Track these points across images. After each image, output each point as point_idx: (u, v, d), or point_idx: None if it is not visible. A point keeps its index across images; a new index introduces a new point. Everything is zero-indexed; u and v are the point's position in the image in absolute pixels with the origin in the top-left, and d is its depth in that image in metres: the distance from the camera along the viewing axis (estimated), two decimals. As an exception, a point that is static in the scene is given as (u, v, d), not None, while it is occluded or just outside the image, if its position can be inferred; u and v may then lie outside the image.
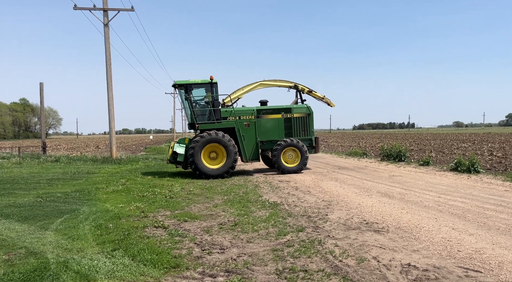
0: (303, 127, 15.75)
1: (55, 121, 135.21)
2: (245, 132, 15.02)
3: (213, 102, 14.58)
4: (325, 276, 4.42)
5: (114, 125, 21.70)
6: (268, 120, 15.43)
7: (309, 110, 15.94)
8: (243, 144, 14.91)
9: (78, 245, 5.59)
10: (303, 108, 15.92)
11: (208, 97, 14.76)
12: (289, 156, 15.10)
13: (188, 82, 14.49)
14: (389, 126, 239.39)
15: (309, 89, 17.04)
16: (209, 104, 14.72)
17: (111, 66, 21.22)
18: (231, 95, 16.13)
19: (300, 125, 15.72)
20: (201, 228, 6.69)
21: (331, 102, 17.51)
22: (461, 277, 4.31)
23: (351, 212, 7.75)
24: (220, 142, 14.02)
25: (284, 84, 16.88)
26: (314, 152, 16.10)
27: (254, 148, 15.14)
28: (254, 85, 16.59)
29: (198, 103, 15.01)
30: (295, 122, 15.64)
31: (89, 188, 11.29)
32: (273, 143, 15.38)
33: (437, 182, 11.73)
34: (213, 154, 14.29)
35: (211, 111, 14.62)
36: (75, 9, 20.62)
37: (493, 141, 35.23)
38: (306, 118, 15.80)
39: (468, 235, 5.91)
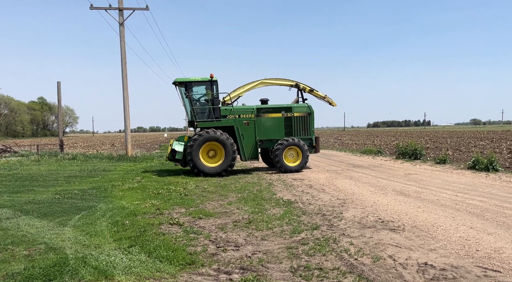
0: (303, 126, 15.62)
1: (72, 119, 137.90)
2: (245, 131, 14.94)
3: (212, 100, 14.54)
4: (340, 274, 4.40)
5: (129, 124, 21.98)
6: (268, 119, 15.33)
7: (309, 109, 15.79)
8: (242, 143, 14.83)
9: (95, 241, 5.69)
10: (303, 108, 15.79)
11: (208, 95, 14.69)
12: (290, 155, 14.98)
13: (188, 80, 14.50)
14: (404, 124, 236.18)
15: (311, 88, 16.84)
16: (208, 102, 14.68)
17: (126, 65, 21.49)
18: (232, 93, 16.00)
19: (301, 124, 15.60)
20: (216, 225, 6.74)
21: (333, 102, 17.30)
22: (480, 277, 4.24)
23: (366, 210, 7.69)
24: (218, 140, 13.98)
25: (285, 83, 16.72)
26: (314, 151, 15.91)
27: (253, 146, 15.05)
28: (255, 84, 16.45)
29: (198, 102, 15.00)
30: (295, 121, 15.52)
31: (105, 185, 11.48)
32: (273, 142, 15.27)
33: (454, 180, 11.53)
34: (212, 152, 14.26)
35: (211, 110, 14.57)
36: (91, 9, 20.94)
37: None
38: (307, 117, 15.66)
39: (487, 234, 5.80)
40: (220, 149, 14.18)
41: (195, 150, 13.80)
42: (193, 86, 14.63)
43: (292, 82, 16.68)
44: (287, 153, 14.89)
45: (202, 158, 14.06)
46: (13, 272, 4.50)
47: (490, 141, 31.94)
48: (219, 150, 14.24)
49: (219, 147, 14.14)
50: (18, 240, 5.85)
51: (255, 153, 15.13)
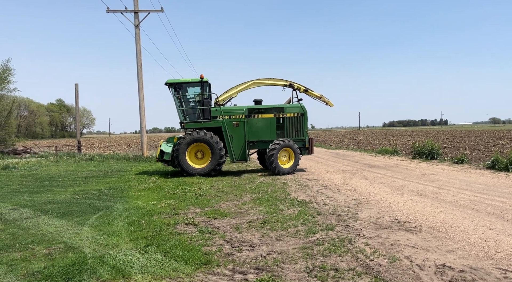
0: (296, 127, 15.31)
1: (89, 121, 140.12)
2: (234, 132, 14.76)
3: (202, 101, 14.52)
4: (356, 275, 4.37)
5: (145, 125, 22.24)
6: (259, 120, 15.07)
7: (302, 110, 15.47)
8: (231, 144, 14.69)
9: (113, 241, 5.78)
10: (296, 108, 15.46)
11: (197, 96, 14.66)
12: (283, 156, 14.73)
13: (178, 81, 14.54)
14: (420, 124, 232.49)
15: (305, 88, 16.49)
16: (199, 103, 14.67)
17: (142, 66, 21.76)
18: (224, 94, 15.91)
19: (293, 125, 15.29)
20: (231, 225, 6.77)
21: (329, 102, 16.93)
22: (500, 279, 4.15)
23: (382, 211, 7.61)
24: (205, 141, 13.98)
25: (279, 82, 16.41)
26: (307, 153, 15.54)
27: (242, 148, 14.84)
28: (247, 84, 16.24)
29: (188, 102, 14.95)
30: (287, 122, 15.22)
31: (122, 185, 11.65)
32: (264, 143, 15.08)
33: (472, 180, 11.30)
34: (200, 153, 14.30)
35: (200, 110, 14.56)
36: (108, 12, 21.28)
37: (533, 138, 33.53)
38: (300, 118, 15.36)
39: (507, 236, 5.67)
40: (207, 150, 14.21)
41: (181, 150, 13.87)
42: (183, 87, 14.65)
43: (286, 82, 16.36)
44: (281, 154, 14.62)
45: (190, 158, 14.14)
46: (34, 270, 4.61)
47: (510, 140, 31.17)
48: (206, 151, 14.27)
49: (206, 148, 14.18)
50: (38, 239, 5.99)
51: (244, 155, 14.91)
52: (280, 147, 14.42)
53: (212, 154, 14.05)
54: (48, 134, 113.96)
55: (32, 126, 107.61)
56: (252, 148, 15.30)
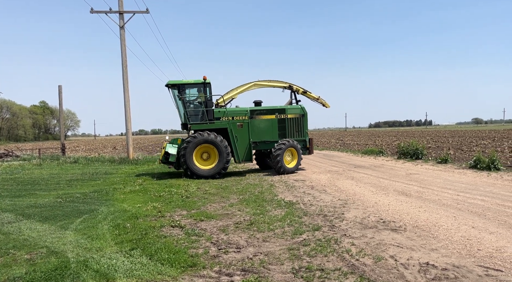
0: (297, 128, 15.74)
1: (74, 123, 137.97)
2: (238, 133, 14.90)
3: (206, 102, 14.53)
4: (342, 275, 4.40)
5: (131, 126, 22.01)
6: (261, 121, 15.36)
7: (303, 111, 15.93)
8: (236, 145, 14.79)
9: (97, 245, 5.70)
10: (297, 109, 15.88)
11: (200, 97, 14.67)
12: (288, 156, 15.01)
13: (181, 83, 14.41)
14: (405, 124, 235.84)
15: (304, 90, 16.95)
16: (202, 104, 14.66)
17: (127, 68, 21.54)
18: (225, 95, 16.02)
19: (294, 126, 15.71)
20: (217, 227, 6.74)
21: (326, 103, 17.44)
22: (481, 276, 4.23)
23: (368, 211, 7.68)
24: (212, 143, 13.96)
25: (279, 84, 16.77)
26: (308, 152, 15.97)
27: (247, 148, 15.04)
28: (248, 86, 16.46)
29: (191, 104, 14.88)
30: (289, 123, 15.61)
31: (107, 188, 11.50)
32: (267, 144, 15.36)
33: (455, 179, 11.51)
34: (206, 155, 14.25)
35: (204, 112, 14.56)
36: (92, 13, 21.01)
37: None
38: (300, 119, 15.79)
39: (489, 234, 5.79)
40: (213, 151, 14.17)
41: (188, 152, 13.73)
42: (186, 88, 14.57)
43: (286, 84, 16.72)
44: (285, 154, 14.87)
45: (196, 160, 14.01)
46: (15, 276, 4.51)
47: (492, 140, 31.86)
48: (212, 152, 14.23)
49: (213, 149, 14.13)
50: (19, 244, 5.86)
51: (249, 155, 15.11)
52: (286, 147, 14.70)
53: (219, 155, 14.03)
54: (31, 137, 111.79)
55: (15, 129, 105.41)
56: (254, 148, 15.44)
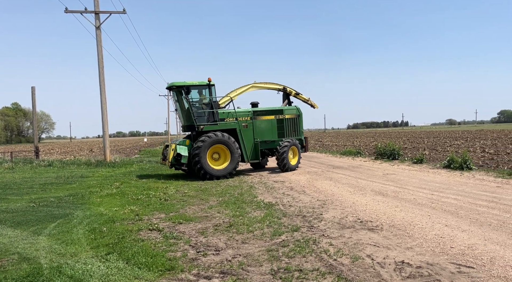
0: (293, 128, 16.57)
1: (48, 125, 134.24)
2: (244, 133, 15.29)
3: (211, 103, 14.73)
4: (320, 275, 4.44)
5: (108, 129, 21.60)
6: (262, 121, 15.89)
7: (298, 111, 16.91)
8: (245, 145, 15.17)
9: (71, 250, 5.55)
10: (293, 110, 16.79)
11: (205, 98, 14.77)
12: (290, 154, 15.80)
13: (186, 84, 14.35)
14: (383, 125, 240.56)
15: (296, 92, 17.75)
16: (207, 105, 14.80)
17: (104, 69, 21.14)
18: (224, 97, 16.30)
19: (291, 126, 16.51)
20: (196, 230, 6.69)
21: (315, 104, 18.34)
22: (454, 273, 4.35)
23: (346, 211, 7.79)
24: (225, 143, 14.21)
25: (274, 86, 17.43)
26: (304, 150, 17.25)
27: (252, 148, 15.50)
28: (246, 87, 16.88)
29: (197, 105, 14.84)
30: (286, 123, 16.35)
31: (83, 192, 11.23)
32: (267, 143, 15.96)
33: (430, 179, 11.81)
34: (216, 155, 14.41)
35: (210, 113, 14.73)
36: (66, 12, 20.51)
37: (485, 138, 35.56)
38: (296, 119, 16.70)
39: (461, 232, 5.97)
40: (224, 152, 14.40)
41: (203, 152, 13.79)
42: (191, 90, 14.55)
43: (280, 86, 17.48)
44: (289, 152, 15.70)
45: (208, 160, 14.10)
46: (-16, 284, 4.35)
47: (465, 140, 32.89)
48: (223, 153, 14.45)
49: (224, 150, 14.35)
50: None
51: (254, 154, 15.56)
52: (290, 145, 15.58)
53: (231, 155, 14.30)
54: (3, 140, 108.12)
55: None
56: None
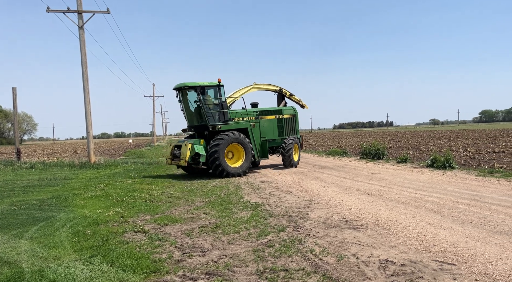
0: (291, 127, 17.64)
1: (30, 126, 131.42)
2: (253, 133, 15.81)
3: (221, 104, 15.19)
4: (306, 275, 4.46)
5: (92, 130, 21.29)
6: (265, 121, 16.73)
7: (295, 111, 18.02)
8: (255, 144, 15.77)
9: (54, 253, 5.45)
10: (290, 110, 17.92)
11: (216, 99, 15.17)
12: (293, 151, 16.88)
13: (200, 84, 14.56)
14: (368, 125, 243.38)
15: (290, 93, 18.95)
16: (218, 106, 15.20)
17: (87, 69, 20.83)
18: (228, 97, 17.08)
19: (289, 125, 17.52)
20: (182, 231, 6.65)
21: (306, 105, 19.55)
22: (436, 270, 4.44)
23: (331, 211, 7.85)
24: (240, 142, 14.69)
25: (272, 88, 18.51)
26: (300, 148, 18.25)
27: (260, 146, 16.19)
28: (248, 88, 17.72)
29: (207, 105, 15.09)
30: (285, 122, 17.29)
31: (66, 194, 11.04)
32: (269, 142, 16.67)
33: (414, 178, 12.00)
34: (230, 154, 14.86)
35: (221, 113, 15.20)
36: (48, 12, 20.14)
37: (467, 137, 36.30)
38: (293, 118, 17.79)
39: (443, 229, 6.08)
40: (238, 150, 14.90)
41: (221, 150, 14.11)
42: (204, 90, 14.73)
43: (277, 87, 18.62)
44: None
45: (225, 159, 14.51)
46: (-37, 290, 4.23)
47: (448, 140, 33.52)
48: (236, 151, 14.96)
49: (238, 148, 14.84)
50: (-32, 255, 5.50)
51: (262, 152, 16.23)
52: (294, 142, 16.74)
53: (246, 153, 14.82)
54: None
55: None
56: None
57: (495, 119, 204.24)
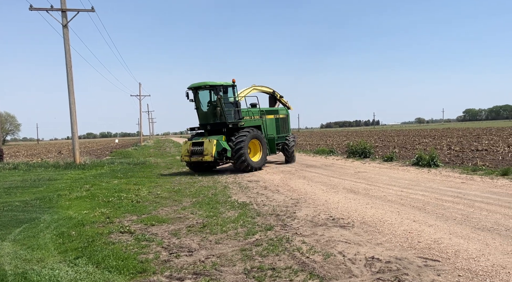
0: (285, 125, 19.19)
1: (13, 127, 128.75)
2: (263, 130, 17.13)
3: (236, 103, 16.33)
4: (293, 273, 4.48)
5: (77, 130, 21.00)
6: (267, 120, 17.92)
7: (287, 111, 19.72)
8: (267, 140, 17.08)
9: (38, 255, 5.36)
10: (284, 110, 19.58)
11: (231, 98, 16.29)
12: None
13: (222, 84, 15.61)
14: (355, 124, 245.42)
15: (280, 95, 20.30)
16: (233, 104, 16.33)
17: (72, 68, 20.51)
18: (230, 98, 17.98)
19: (284, 124, 19.06)
20: (169, 232, 6.61)
21: (291, 106, 20.84)
22: (421, 267, 4.51)
23: (318, 209, 7.90)
24: (259, 138, 16.09)
25: (267, 90, 19.89)
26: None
27: (268, 143, 17.24)
28: (249, 90, 18.80)
29: (227, 104, 16.20)
30: (281, 121, 18.76)
31: (51, 195, 10.86)
32: (270, 140, 17.69)
33: (400, 176, 12.16)
34: (248, 149, 15.73)
35: (236, 111, 16.38)
36: (31, 10, 19.76)
37: (451, 136, 36.95)
38: (286, 118, 19.39)
39: (428, 226, 6.18)
40: (255, 146, 16.14)
41: (245, 146, 15.11)
42: (224, 89, 15.74)
43: (271, 89, 19.90)
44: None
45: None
46: None
47: (432, 138, 34.05)
48: (253, 147, 16.14)
49: (255, 144, 16.07)
50: (-51, 258, 5.36)
51: (272, 149, 17.37)
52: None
53: (262, 148, 16.24)
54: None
55: None
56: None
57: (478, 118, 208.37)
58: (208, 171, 16.33)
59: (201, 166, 16.04)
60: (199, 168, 16.10)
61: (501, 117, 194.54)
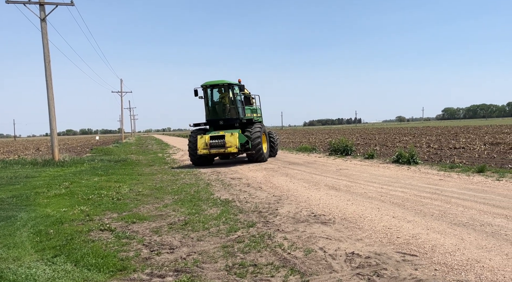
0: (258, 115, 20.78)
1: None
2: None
3: (243, 101, 18.15)
4: (274, 269, 4.51)
5: (56, 126, 20.52)
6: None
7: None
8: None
9: (14, 254, 5.23)
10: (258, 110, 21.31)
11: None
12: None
13: (235, 83, 17.35)
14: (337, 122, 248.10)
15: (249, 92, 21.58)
16: (241, 102, 18.00)
17: (51, 63, 20.03)
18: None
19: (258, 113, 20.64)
20: (150, 229, 6.55)
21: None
22: (399, 262, 4.60)
23: (300, 206, 7.96)
24: (265, 132, 18.25)
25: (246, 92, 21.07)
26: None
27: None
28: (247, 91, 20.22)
29: (238, 101, 17.76)
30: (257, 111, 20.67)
31: (28, 192, 10.60)
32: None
33: (380, 173, 12.36)
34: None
35: (243, 108, 18.02)
36: (8, 3, 19.16)
37: (430, 134, 37.76)
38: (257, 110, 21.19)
39: (406, 222, 6.31)
40: (263, 139, 17.74)
41: (262, 138, 17.06)
42: (243, 87, 17.87)
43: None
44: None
45: None
46: None
47: (412, 136, 34.72)
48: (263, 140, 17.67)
49: (263, 138, 17.53)
50: None
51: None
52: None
53: (267, 141, 18.52)
54: None
55: None
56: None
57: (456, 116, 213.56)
58: (209, 164, 17.71)
59: (207, 159, 17.40)
60: (203, 161, 17.31)
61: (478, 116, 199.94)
